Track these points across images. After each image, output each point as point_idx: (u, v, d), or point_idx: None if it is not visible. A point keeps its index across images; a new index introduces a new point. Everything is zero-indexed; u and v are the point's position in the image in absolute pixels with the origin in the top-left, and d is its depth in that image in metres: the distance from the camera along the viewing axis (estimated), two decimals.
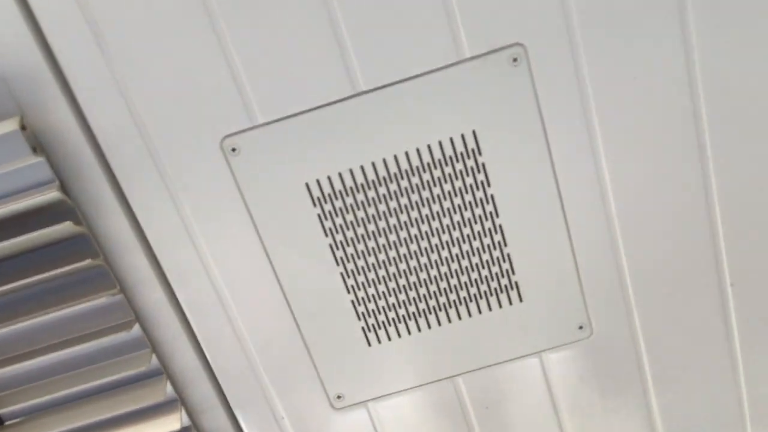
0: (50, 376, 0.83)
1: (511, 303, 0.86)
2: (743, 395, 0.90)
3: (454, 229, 0.81)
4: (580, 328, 0.87)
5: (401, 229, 0.81)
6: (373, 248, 0.82)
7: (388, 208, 0.80)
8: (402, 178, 0.79)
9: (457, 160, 0.78)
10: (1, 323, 0.79)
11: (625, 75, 0.75)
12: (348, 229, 0.81)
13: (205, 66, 0.73)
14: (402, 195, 0.80)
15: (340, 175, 0.79)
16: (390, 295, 0.85)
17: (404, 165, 0.78)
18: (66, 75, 0.73)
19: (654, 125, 0.76)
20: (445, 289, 0.85)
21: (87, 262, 0.76)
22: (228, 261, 0.82)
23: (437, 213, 0.80)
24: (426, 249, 0.82)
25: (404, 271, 0.83)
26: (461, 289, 0.85)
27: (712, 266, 0.84)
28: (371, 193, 0.79)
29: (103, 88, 0.74)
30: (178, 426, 0.86)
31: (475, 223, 0.81)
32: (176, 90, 0.74)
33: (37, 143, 0.74)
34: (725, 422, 0.92)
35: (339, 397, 0.90)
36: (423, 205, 0.80)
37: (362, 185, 0.79)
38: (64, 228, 0.74)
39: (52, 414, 0.85)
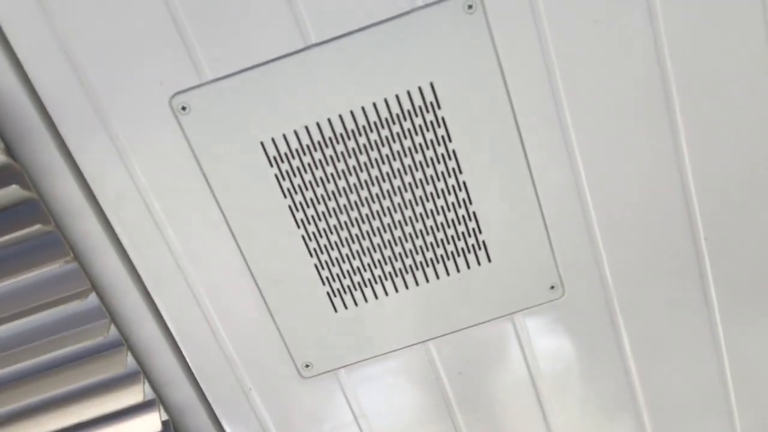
0: (4, 349, 0.81)
1: (479, 263, 0.83)
2: (723, 351, 0.87)
3: (417, 187, 0.79)
4: (552, 288, 0.85)
5: (362, 188, 0.79)
6: (334, 209, 0.80)
7: (347, 167, 0.78)
8: (360, 134, 0.76)
9: (416, 114, 0.76)
10: None
11: (585, 18, 0.72)
12: (307, 189, 0.79)
13: (150, 21, 0.71)
14: (361, 152, 0.77)
15: (296, 132, 0.76)
16: (354, 258, 0.82)
17: (361, 121, 0.76)
18: (6, 33, 0.71)
19: (616, 69, 0.74)
20: (410, 250, 0.82)
21: (37, 227, 0.74)
22: (185, 224, 0.80)
23: (398, 170, 0.78)
24: (389, 209, 0.80)
25: (367, 232, 0.81)
26: (427, 250, 0.82)
27: (684, 219, 0.81)
28: (329, 151, 0.77)
29: (46, 47, 0.71)
30: (141, 398, 0.84)
31: (438, 180, 0.79)
32: (122, 47, 0.72)
33: None
34: (705, 380, 0.89)
35: (307, 365, 0.88)
36: (383, 162, 0.78)
37: (319, 143, 0.77)
38: (10, 192, 0.72)
39: (8, 389, 0.83)
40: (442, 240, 0.82)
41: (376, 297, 0.85)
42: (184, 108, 0.74)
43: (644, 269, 0.83)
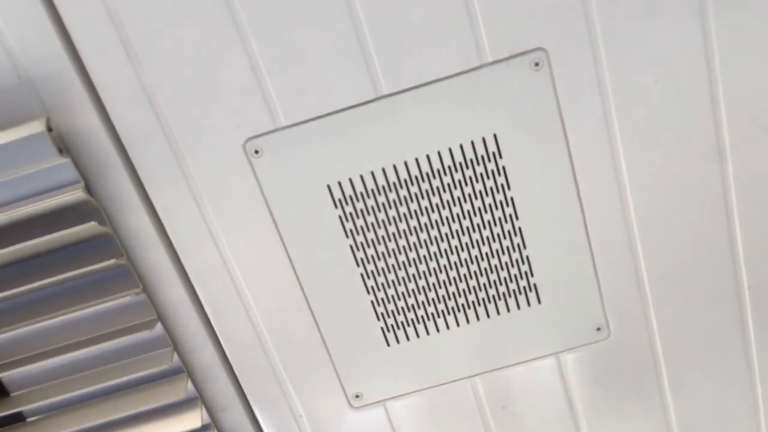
0: (73, 373, 0.85)
1: (529, 305, 0.86)
2: (759, 400, 0.90)
3: (474, 231, 0.82)
4: (598, 329, 0.88)
5: (421, 231, 0.82)
6: (393, 250, 0.83)
7: (409, 210, 0.81)
8: (423, 180, 0.79)
9: (478, 163, 0.79)
10: (27, 321, 0.80)
11: (645, 78, 0.75)
12: (369, 230, 0.82)
13: (229, 68, 0.74)
14: (423, 197, 0.80)
15: (361, 177, 0.79)
16: (409, 296, 0.85)
17: (425, 168, 0.79)
18: (92, 77, 0.74)
19: (674, 127, 0.77)
20: (464, 290, 0.85)
21: (111, 261, 0.77)
22: (249, 261, 0.83)
23: (457, 215, 0.81)
24: (446, 251, 0.83)
25: (424, 272, 0.84)
26: (480, 290, 0.85)
27: (729, 268, 0.84)
28: (392, 195, 0.80)
29: (128, 90, 0.74)
30: (198, 424, 0.87)
31: (495, 225, 0.82)
32: (201, 92, 0.75)
33: (63, 144, 0.75)
34: (741, 427, 0.92)
35: (357, 396, 0.91)
36: (443, 207, 0.81)
37: (383, 187, 0.80)
38: (88, 228, 0.75)
39: (74, 411, 0.86)
40: (495, 281, 0.85)
41: (428, 333, 0.88)
42: (257, 152, 0.77)
43: (688, 316, 0.86)
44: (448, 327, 0.87)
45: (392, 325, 0.87)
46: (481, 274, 0.84)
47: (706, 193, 0.80)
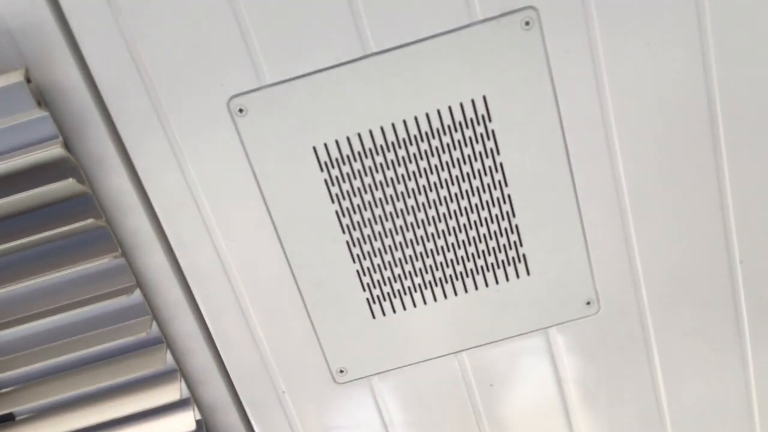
0: (48, 341, 0.82)
1: (518, 276, 0.85)
2: (750, 373, 0.89)
3: (462, 197, 0.80)
4: (588, 303, 0.86)
5: (408, 196, 0.80)
6: (380, 216, 0.81)
7: (396, 175, 0.79)
8: (411, 143, 0.78)
9: (467, 127, 0.77)
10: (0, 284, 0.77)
11: (638, 40, 0.74)
12: (355, 195, 0.80)
13: (214, 24, 0.72)
14: (410, 161, 0.78)
15: (348, 139, 0.77)
16: (396, 266, 0.83)
17: (413, 130, 0.77)
18: (73, 29, 0.72)
19: (666, 92, 0.76)
20: (451, 260, 0.83)
21: (89, 221, 0.74)
22: (232, 225, 0.80)
23: (445, 181, 0.79)
24: (433, 218, 0.81)
25: (411, 240, 0.82)
26: (468, 260, 0.83)
27: (722, 242, 0.83)
28: (379, 159, 0.78)
29: (109, 44, 0.73)
30: (177, 396, 0.84)
31: (483, 192, 0.80)
32: (184, 48, 0.73)
33: (42, 98, 0.73)
34: (733, 401, 0.90)
35: (341, 371, 0.89)
36: (431, 172, 0.79)
37: (370, 150, 0.78)
38: (66, 186, 0.73)
39: (46, 382, 0.83)
40: (483, 251, 0.83)
41: (415, 305, 0.85)
42: (241, 110, 0.76)
43: (679, 289, 0.85)
44: (435, 299, 0.85)
45: (378, 296, 0.85)
46: (470, 244, 0.83)
47: (699, 161, 0.79)
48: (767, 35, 0.74)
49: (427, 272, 0.84)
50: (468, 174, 0.79)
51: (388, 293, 0.85)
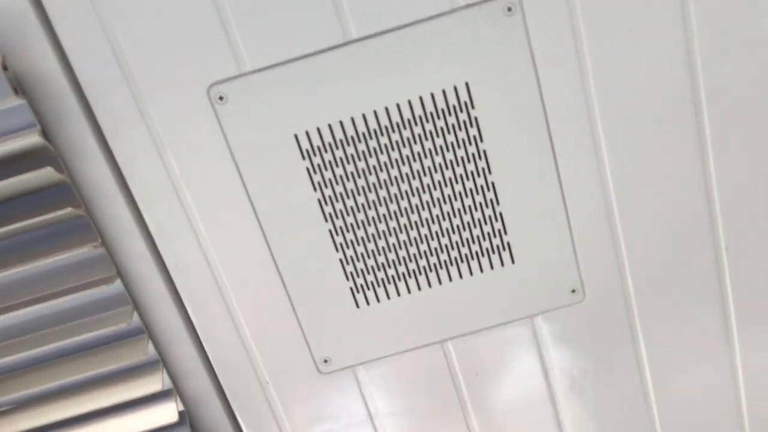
0: (28, 332, 0.81)
1: (502, 264, 0.84)
2: (736, 359, 0.88)
3: (446, 185, 0.80)
4: (573, 291, 0.86)
5: (391, 184, 0.79)
6: (362, 204, 0.80)
7: (379, 163, 0.78)
8: (393, 131, 0.77)
9: (450, 114, 0.77)
10: None
11: (620, 26, 0.74)
12: (337, 183, 0.79)
13: (193, 10, 0.71)
14: (393, 149, 0.78)
15: (329, 126, 0.77)
16: (379, 254, 0.83)
17: (395, 118, 0.77)
18: (50, 16, 0.71)
19: (650, 77, 0.75)
20: (435, 248, 0.83)
21: (68, 210, 0.73)
22: (213, 214, 0.80)
23: (428, 168, 0.79)
24: (417, 206, 0.81)
25: (394, 228, 0.82)
26: (452, 249, 0.83)
27: (707, 229, 0.82)
28: (361, 147, 0.78)
29: (87, 31, 0.72)
30: (159, 388, 0.84)
31: (467, 179, 0.80)
32: (163, 35, 0.72)
33: (19, 86, 0.72)
34: (720, 387, 0.90)
35: (326, 361, 0.88)
36: (414, 159, 0.78)
37: (352, 138, 0.77)
38: (44, 174, 0.72)
39: (25, 374, 0.82)
40: (467, 239, 0.83)
41: (399, 294, 0.85)
42: (221, 98, 0.75)
43: (665, 277, 0.84)
44: (419, 287, 0.85)
45: (362, 285, 0.84)
46: (454, 232, 0.82)
47: (684, 147, 0.79)
48: (751, 19, 0.74)
49: (411, 261, 0.83)
50: (451, 161, 0.79)
51: (372, 282, 0.84)
